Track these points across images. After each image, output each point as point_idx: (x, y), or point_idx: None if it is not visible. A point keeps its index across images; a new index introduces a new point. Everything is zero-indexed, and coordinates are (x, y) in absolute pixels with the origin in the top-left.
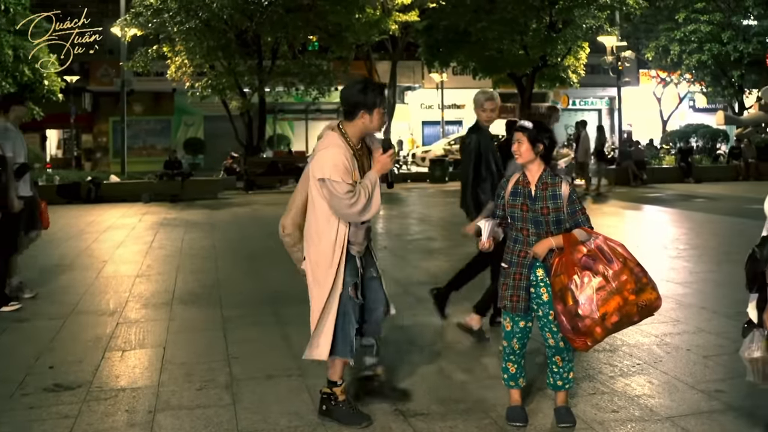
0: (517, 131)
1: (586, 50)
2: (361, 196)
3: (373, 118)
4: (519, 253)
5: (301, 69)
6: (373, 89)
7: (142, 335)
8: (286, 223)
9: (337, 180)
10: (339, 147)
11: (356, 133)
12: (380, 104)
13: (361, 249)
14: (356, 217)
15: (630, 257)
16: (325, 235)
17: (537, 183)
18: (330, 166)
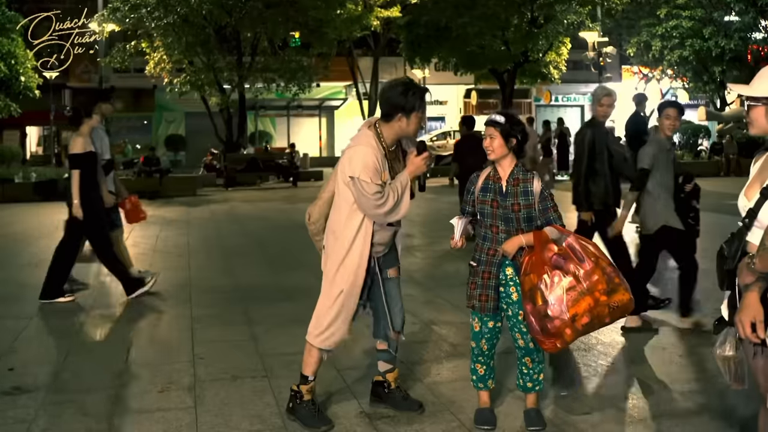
0: (488, 126)
1: (568, 46)
2: (389, 197)
3: (410, 122)
4: (488, 251)
5: (281, 65)
6: (414, 93)
7: (108, 335)
8: (312, 211)
9: (366, 180)
10: (371, 147)
11: (391, 135)
12: (419, 108)
13: (381, 250)
14: (383, 218)
15: (602, 257)
16: (344, 232)
17: (508, 178)
18: (360, 165)
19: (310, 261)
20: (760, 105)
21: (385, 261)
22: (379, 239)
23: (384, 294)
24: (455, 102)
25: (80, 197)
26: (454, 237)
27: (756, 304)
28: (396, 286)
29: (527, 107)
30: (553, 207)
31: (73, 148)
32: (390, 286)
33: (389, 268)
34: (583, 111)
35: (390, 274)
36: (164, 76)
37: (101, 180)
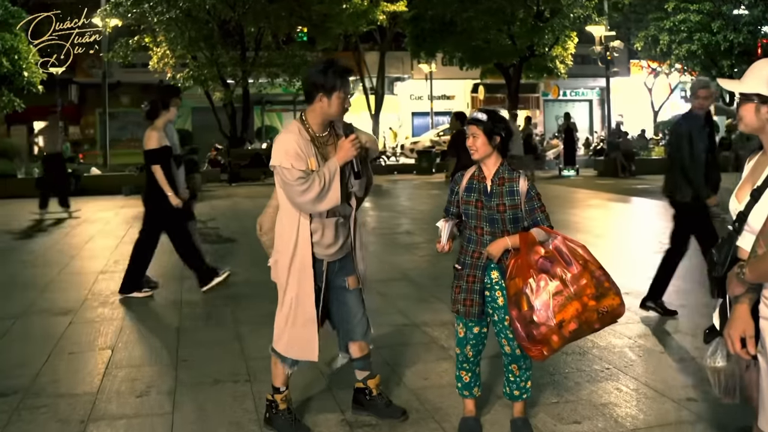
0: (471, 124)
1: (574, 40)
2: (315, 183)
3: (331, 102)
4: (472, 254)
5: (284, 60)
6: (334, 71)
7: (93, 336)
8: (263, 221)
9: (287, 166)
10: (291, 133)
11: (316, 119)
12: (340, 88)
13: (329, 253)
14: (310, 207)
15: (591, 259)
16: (285, 232)
17: (493, 178)
18: (281, 152)
19: None
20: (750, 102)
21: (341, 268)
22: (324, 238)
23: (340, 304)
24: (462, 97)
25: (156, 192)
26: (441, 240)
27: (746, 317)
28: (355, 296)
29: (535, 102)
30: (540, 207)
31: (149, 144)
32: (347, 296)
33: (347, 276)
34: (592, 105)
35: (348, 284)
36: (167, 71)
37: (176, 174)
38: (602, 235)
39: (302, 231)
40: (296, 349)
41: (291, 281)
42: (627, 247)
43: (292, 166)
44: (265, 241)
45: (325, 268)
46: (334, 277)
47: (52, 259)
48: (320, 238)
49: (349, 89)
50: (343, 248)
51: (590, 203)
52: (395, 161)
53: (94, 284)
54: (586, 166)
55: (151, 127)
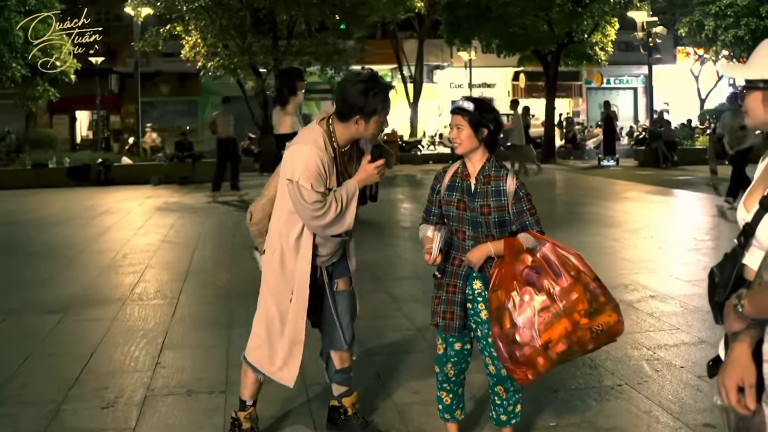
0: (455, 114)
1: (615, 26)
2: (331, 208)
3: (368, 126)
4: (453, 261)
5: (317, 48)
6: (376, 93)
7: (75, 338)
8: (255, 210)
9: (305, 186)
10: (316, 147)
11: (345, 136)
12: (381, 112)
13: (326, 260)
14: (322, 231)
15: (586, 270)
16: (283, 236)
17: (478, 175)
18: (301, 167)
19: None
20: (756, 90)
21: (335, 270)
22: (325, 250)
23: (327, 307)
24: (503, 85)
25: None
26: (432, 252)
27: (745, 361)
28: (345, 299)
29: (578, 90)
30: (529, 210)
31: (281, 128)
32: (337, 299)
33: (339, 278)
34: (636, 94)
35: (339, 286)
36: (199, 60)
37: None
38: (635, 230)
39: (306, 242)
40: (274, 367)
41: (281, 292)
42: (661, 245)
43: (312, 188)
44: (253, 231)
45: (321, 273)
46: (330, 282)
47: (60, 252)
48: (322, 251)
49: (389, 111)
50: (337, 254)
51: (627, 195)
52: (432, 150)
53: (95, 280)
54: (627, 155)
55: (283, 111)
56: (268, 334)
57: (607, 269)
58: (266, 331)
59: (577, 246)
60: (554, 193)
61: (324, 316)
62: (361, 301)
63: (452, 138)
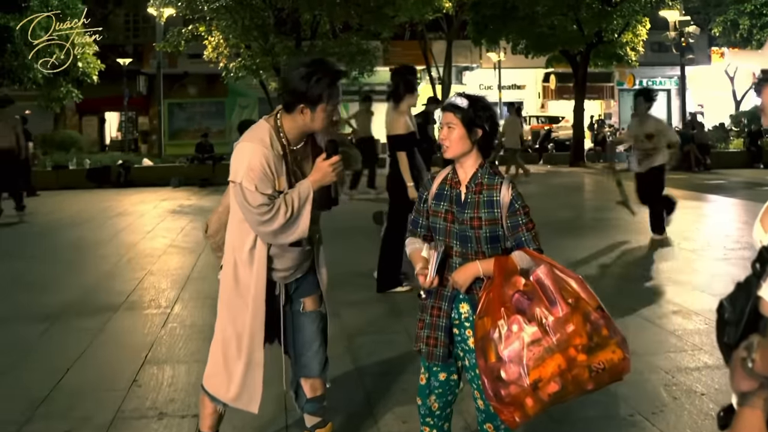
0: (446, 112)
1: (646, 26)
2: (279, 212)
3: (315, 117)
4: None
5: (340, 48)
6: (320, 78)
7: (56, 349)
8: (211, 221)
9: (250, 188)
10: (261, 144)
11: (294, 130)
12: (328, 100)
13: (286, 275)
14: (272, 238)
15: (587, 297)
16: (237, 248)
17: (469, 183)
18: (244, 167)
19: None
20: None
21: (300, 288)
22: (283, 263)
23: (295, 331)
24: (533, 86)
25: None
26: (428, 272)
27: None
28: (314, 321)
29: (609, 91)
30: (525, 224)
31: (396, 129)
32: (304, 322)
33: (305, 297)
34: (670, 95)
35: (306, 306)
36: (221, 61)
37: (420, 164)
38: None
39: (258, 255)
40: (231, 394)
41: (236, 311)
42: (690, 254)
43: (256, 189)
44: (211, 244)
45: (280, 291)
46: (290, 301)
47: (64, 256)
48: (279, 264)
49: (338, 99)
50: (301, 268)
51: None
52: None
53: (93, 287)
54: None
55: (397, 111)
56: (224, 359)
57: (626, 276)
58: (223, 355)
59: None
60: (581, 197)
61: (288, 339)
62: (358, 313)
63: (441, 139)
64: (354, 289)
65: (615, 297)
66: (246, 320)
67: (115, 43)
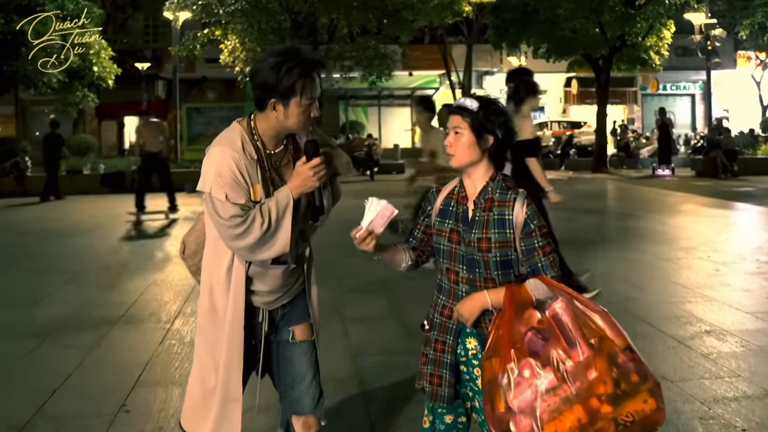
0: (454, 115)
1: (671, 29)
2: (254, 224)
3: (289, 113)
4: (442, 310)
5: (358, 52)
6: (292, 67)
7: (45, 369)
8: (188, 240)
9: (219, 197)
10: (231, 148)
11: (269, 131)
12: (302, 91)
13: (270, 300)
14: (248, 254)
15: (614, 336)
16: (213, 269)
17: (478, 199)
18: (213, 175)
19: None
20: None
21: (288, 315)
22: (265, 284)
23: (284, 364)
24: (555, 91)
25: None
26: (362, 227)
27: None
28: (305, 352)
29: (632, 96)
30: (542, 247)
31: (522, 134)
32: (294, 353)
33: (294, 325)
34: (694, 100)
35: (296, 336)
36: (238, 65)
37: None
38: (690, 249)
39: (235, 276)
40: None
41: (213, 340)
42: (719, 266)
43: (227, 198)
44: (190, 266)
45: (263, 318)
46: (276, 329)
47: (65, 267)
48: (260, 286)
49: (316, 92)
50: (289, 293)
51: (682, 208)
52: None
53: (91, 300)
54: (684, 165)
55: (520, 115)
56: (202, 393)
57: (656, 295)
58: (200, 390)
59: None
60: (604, 204)
61: (278, 375)
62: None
63: (447, 145)
64: (364, 302)
65: (640, 314)
66: (222, 350)
67: (134, 48)
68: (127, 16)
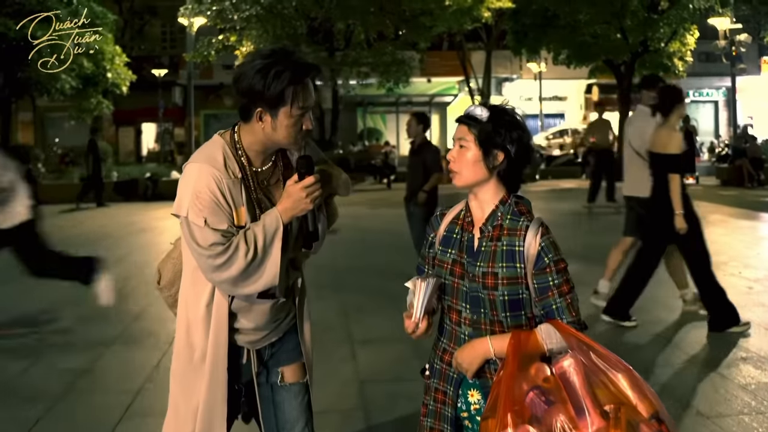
0: (460, 124)
1: (695, 34)
2: (238, 253)
3: (278, 124)
4: (443, 355)
5: (374, 58)
6: (281, 71)
7: (30, 394)
8: (164, 268)
9: (197, 223)
10: (211, 165)
11: (255, 145)
12: (293, 101)
13: (256, 338)
14: (231, 288)
15: (637, 399)
16: (190, 304)
17: (485, 225)
18: (189, 196)
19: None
20: None
21: (277, 354)
22: (250, 321)
23: (270, 408)
24: (575, 98)
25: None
26: (413, 315)
27: None
28: (296, 396)
29: None
30: (558, 286)
31: (669, 147)
32: (284, 397)
33: (284, 365)
34: (717, 107)
35: (285, 378)
36: None
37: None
38: (719, 264)
39: (216, 312)
40: None
41: (191, 385)
42: (751, 284)
43: (206, 223)
44: (166, 298)
45: (249, 358)
46: (263, 370)
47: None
48: (245, 323)
49: (310, 101)
50: (278, 329)
51: (709, 219)
52: None
53: (90, 316)
54: (708, 173)
55: (667, 125)
56: None
57: (685, 316)
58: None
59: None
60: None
61: (265, 420)
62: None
63: (449, 159)
64: (373, 321)
65: (669, 338)
66: (202, 396)
67: (151, 54)
68: (144, 23)
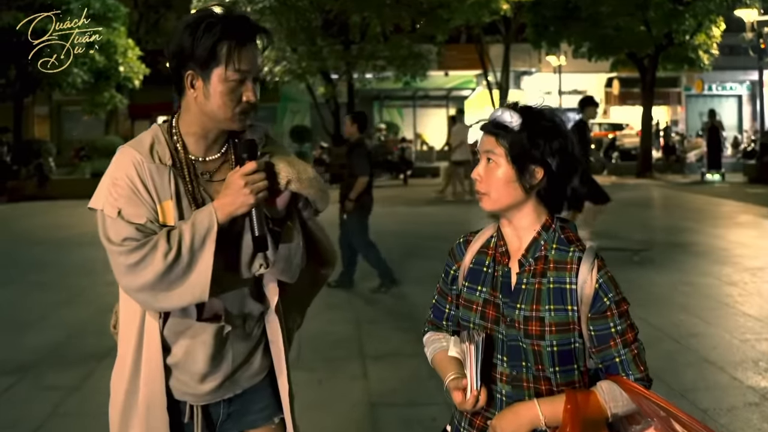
0: (487, 134)
1: (721, 26)
2: (156, 252)
3: (210, 90)
4: (474, 419)
5: (390, 51)
6: (213, 24)
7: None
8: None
9: (110, 214)
10: (134, 149)
11: (193, 125)
12: (228, 60)
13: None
14: (147, 297)
15: None
16: (125, 337)
17: (525, 257)
18: (105, 185)
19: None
20: None
21: (237, 413)
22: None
23: None
24: (595, 92)
25: None
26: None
27: None
28: None
29: (676, 97)
30: (621, 333)
31: None
32: None
33: (252, 427)
34: (741, 101)
35: None
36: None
37: None
38: (757, 270)
39: (148, 340)
40: None
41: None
42: None
43: (120, 215)
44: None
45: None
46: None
47: (69, 282)
48: (182, 358)
49: (251, 66)
50: (238, 379)
51: (739, 220)
52: None
53: (86, 326)
54: (734, 170)
55: None
56: None
57: (724, 330)
58: None
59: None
60: (651, 214)
61: None
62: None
63: (474, 179)
64: (387, 336)
65: (710, 357)
66: None
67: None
68: (159, 16)
